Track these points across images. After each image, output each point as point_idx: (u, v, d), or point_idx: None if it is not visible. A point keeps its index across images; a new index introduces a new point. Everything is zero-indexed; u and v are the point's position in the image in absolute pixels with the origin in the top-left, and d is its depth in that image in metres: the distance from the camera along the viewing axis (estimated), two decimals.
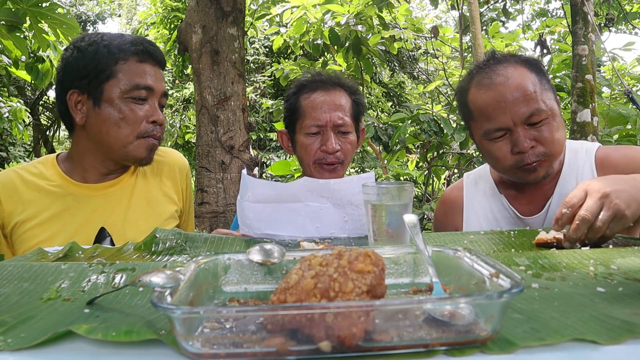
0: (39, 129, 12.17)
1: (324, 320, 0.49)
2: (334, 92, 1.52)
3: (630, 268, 0.79)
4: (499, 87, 1.28)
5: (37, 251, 1.03)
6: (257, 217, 1.17)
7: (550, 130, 1.26)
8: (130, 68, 1.33)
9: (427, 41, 6.27)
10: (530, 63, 1.32)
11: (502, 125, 1.28)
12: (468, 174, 1.61)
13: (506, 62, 1.32)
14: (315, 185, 1.16)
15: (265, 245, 0.75)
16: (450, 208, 1.56)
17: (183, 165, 1.59)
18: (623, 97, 4.03)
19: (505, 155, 1.30)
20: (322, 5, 4.38)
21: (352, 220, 1.16)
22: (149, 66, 1.36)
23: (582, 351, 0.51)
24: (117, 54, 1.32)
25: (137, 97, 1.32)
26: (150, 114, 1.35)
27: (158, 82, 1.38)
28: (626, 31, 8.59)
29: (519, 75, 1.28)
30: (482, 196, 1.49)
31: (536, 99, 1.26)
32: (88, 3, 14.53)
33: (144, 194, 1.44)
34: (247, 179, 1.18)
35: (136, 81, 1.32)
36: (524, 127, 1.26)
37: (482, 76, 1.33)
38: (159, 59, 1.40)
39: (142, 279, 0.62)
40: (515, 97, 1.25)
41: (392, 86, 10.74)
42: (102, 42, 1.34)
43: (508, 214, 1.43)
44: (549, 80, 1.33)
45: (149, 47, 1.37)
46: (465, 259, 0.69)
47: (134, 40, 1.36)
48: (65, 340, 0.55)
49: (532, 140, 1.26)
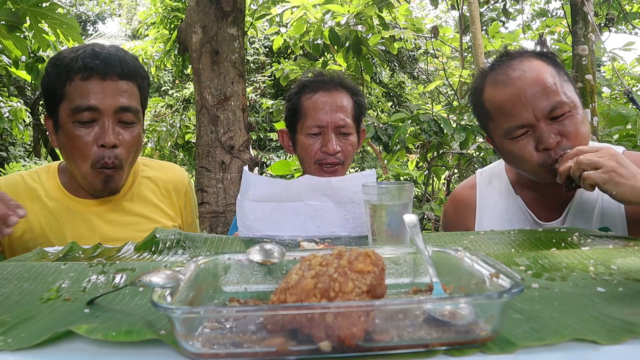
0: (39, 129, 12.17)
1: (324, 320, 0.49)
2: (335, 93, 1.52)
3: (630, 268, 0.80)
4: (517, 82, 1.20)
5: (37, 251, 1.03)
6: (258, 218, 1.16)
7: (574, 123, 1.19)
8: (76, 88, 1.21)
9: (427, 41, 6.27)
10: (545, 56, 1.25)
11: (524, 121, 1.19)
12: (481, 171, 1.51)
13: (520, 56, 1.25)
14: (316, 183, 1.15)
15: (265, 245, 0.75)
16: (462, 207, 1.47)
17: (180, 183, 1.51)
18: (623, 97, 4.03)
19: (530, 154, 1.21)
20: (322, 5, 4.38)
21: (353, 218, 1.15)
22: (95, 83, 1.20)
23: (582, 351, 0.51)
24: (64, 74, 1.21)
25: (80, 120, 1.20)
26: (99, 136, 1.22)
27: (107, 99, 1.21)
28: (626, 31, 8.58)
29: (535, 68, 1.20)
30: (497, 196, 1.40)
31: (557, 92, 1.18)
32: (88, 3, 14.54)
33: (140, 211, 1.40)
34: (249, 176, 1.16)
35: (76, 103, 1.20)
36: (547, 122, 1.18)
37: (497, 73, 1.25)
38: (111, 71, 1.22)
39: (142, 279, 0.62)
40: (535, 91, 1.18)
41: (392, 86, 10.73)
42: (56, 61, 1.24)
43: (524, 218, 1.35)
44: (566, 72, 1.26)
45: (90, 61, 1.20)
46: (465, 259, 0.69)
47: (81, 56, 1.22)
48: (65, 340, 0.55)
49: (557, 134, 1.18)
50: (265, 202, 1.16)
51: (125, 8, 16.42)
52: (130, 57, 1.30)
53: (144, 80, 1.32)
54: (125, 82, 1.25)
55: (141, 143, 1.34)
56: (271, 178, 1.21)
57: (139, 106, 1.30)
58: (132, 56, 1.31)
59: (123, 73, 1.24)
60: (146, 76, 1.34)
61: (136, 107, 1.27)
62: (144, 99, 1.35)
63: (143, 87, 1.32)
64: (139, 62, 1.33)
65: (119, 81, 1.23)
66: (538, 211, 1.34)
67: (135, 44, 9.37)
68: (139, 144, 1.32)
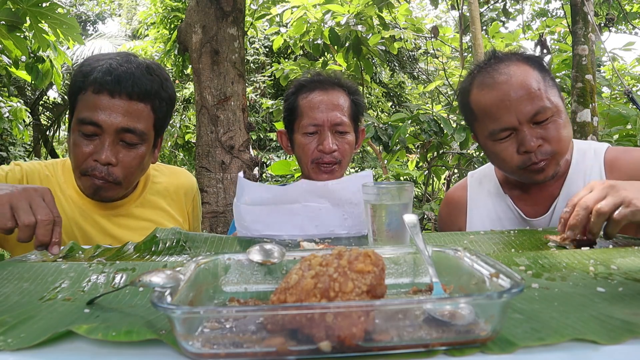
0: (39, 129, 12.17)
1: (324, 320, 0.49)
2: (332, 92, 1.52)
3: (630, 268, 0.80)
4: (502, 86, 1.24)
5: (36, 252, 1.03)
6: (255, 219, 1.16)
7: (556, 128, 1.23)
8: (86, 100, 1.20)
9: (427, 41, 6.27)
10: (532, 60, 1.29)
11: (507, 125, 1.24)
12: (472, 173, 1.57)
13: (508, 60, 1.29)
14: (313, 187, 1.15)
15: (265, 245, 0.75)
16: (454, 208, 1.53)
17: (190, 188, 1.53)
18: (623, 97, 4.03)
19: (511, 156, 1.26)
20: (322, 5, 4.38)
21: (351, 217, 1.15)
22: (104, 98, 1.19)
23: (582, 351, 0.51)
24: (80, 82, 1.21)
25: (84, 132, 1.20)
26: (95, 151, 1.21)
27: (112, 117, 1.19)
28: (626, 31, 8.58)
29: (521, 73, 1.24)
30: (487, 196, 1.46)
31: (541, 97, 1.22)
32: (88, 3, 14.53)
33: (150, 216, 1.40)
34: (244, 183, 1.16)
35: (83, 115, 1.20)
36: (530, 126, 1.23)
37: (484, 76, 1.29)
38: (121, 90, 1.19)
39: (142, 279, 0.62)
40: (519, 95, 1.22)
41: (392, 86, 10.73)
42: (81, 66, 1.23)
43: (513, 215, 1.40)
44: (552, 77, 1.30)
45: (102, 76, 1.19)
46: (465, 259, 0.69)
47: (98, 68, 1.20)
48: (65, 340, 0.55)
49: (539, 139, 1.23)
50: (262, 205, 1.16)
51: (125, 8, 16.42)
52: (152, 78, 1.25)
53: (162, 101, 1.28)
54: (136, 103, 1.22)
55: (144, 162, 1.31)
56: (265, 184, 1.21)
57: (148, 128, 1.26)
58: (156, 76, 1.26)
59: (134, 93, 1.21)
60: (167, 97, 1.29)
61: (142, 129, 1.24)
62: (160, 120, 1.30)
63: (160, 109, 1.28)
64: (162, 81, 1.28)
65: (128, 101, 1.21)
66: (526, 208, 1.39)
67: (135, 44, 9.38)
68: (140, 165, 1.28)
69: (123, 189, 1.31)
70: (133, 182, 1.35)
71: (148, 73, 1.24)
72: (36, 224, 0.94)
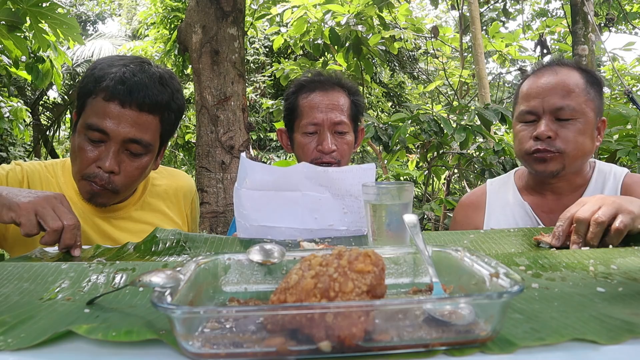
0: (39, 129, 12.17)
1: (324, 320, 0.49)
2: (332, 92, 1.52)
3: (630, 268, 0.79)
4: (545, 77, 1.35)
5: (38, 251, 1.03)
6: (255, 207, 1.15)
7: (574, 130, 1.30)
8: (96, 105, 1.19)
9: (427, 41, 6.27)
10: (586, 72, 1.37)
11: (532, 108, 1.34)
12: (491, 181, 1.61)
13: (566, 64, 1.39)
14: (313, 172, 1.14)
15: (265, 245, 0.75)
16: (472, 210, 1.55)
17: (188, 190, 1.53)
18: (623, 97, 4.03)
19: (526, 139, 1.35)
20: (323, 5, 4.38)
21: (351, 212, 1.15)
22: (114, 107, 1.18)
23: (582, 351, 0.51)
24: (92, 85, 1.20)
25: (90, 137, 1.20)
26: (100, 158, 1.21)
27: (120, 127, 1.18)
28: (626, 31, 8.59)
29: (567, 73, 1.34)
30: (505, 202, 1.49)
31: (571, 97, 1.30)
32: (88, 3, 14.54)
33: (149, 219, 1.40)
34: (246, 163, 1.15)
35: (91, 120, 1.19)
36: (551, 118, 1.31)
37: (541, 69, 1.39)
38: (132, 101, 1.18)
39: (142, 279, 0.62)
40: (553, 88, 1.31)
41: (392, 86, 10.74)
42: (93, 69, 1.23)
43: (531, 223, 1.42)
44: (601, 95, 1.37)
45: (114, 85, 1.17)
46: (465, 259, 0.69)
47: (110, 75, 1.19)
48: (65, 340, 0.55)
49: (553, 132, 1.30)
50: (262, 191, 1.14)
51: (125, 8, 16.43)
52: (164, 89, 1.24)
53: (171, 113, 1.27)
54: (146, 114, 1.21)
55: (146, 172, 1.31)
56: (268, 165, 1.20)
57: (155, 139, 1.27)
58: (168, 88, 1.25)
59: (144, 105, 1.20)
60: (177, 108, 1.29)
61: (148, 140, 1.24)
62: (167, 131, 1.30)
63: (168, 120, 1.28)
64: (174, 93, 1.27)
65: (138, 112, 1.20)
66: (543, 215, 1.41)
67: (135, 44, 9.37)
68: (142, 174, 1.29)
69: (119, 197, 1.32)
70: (131, 190, 1.35)
71: (160, 84, 1.23)
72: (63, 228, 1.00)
